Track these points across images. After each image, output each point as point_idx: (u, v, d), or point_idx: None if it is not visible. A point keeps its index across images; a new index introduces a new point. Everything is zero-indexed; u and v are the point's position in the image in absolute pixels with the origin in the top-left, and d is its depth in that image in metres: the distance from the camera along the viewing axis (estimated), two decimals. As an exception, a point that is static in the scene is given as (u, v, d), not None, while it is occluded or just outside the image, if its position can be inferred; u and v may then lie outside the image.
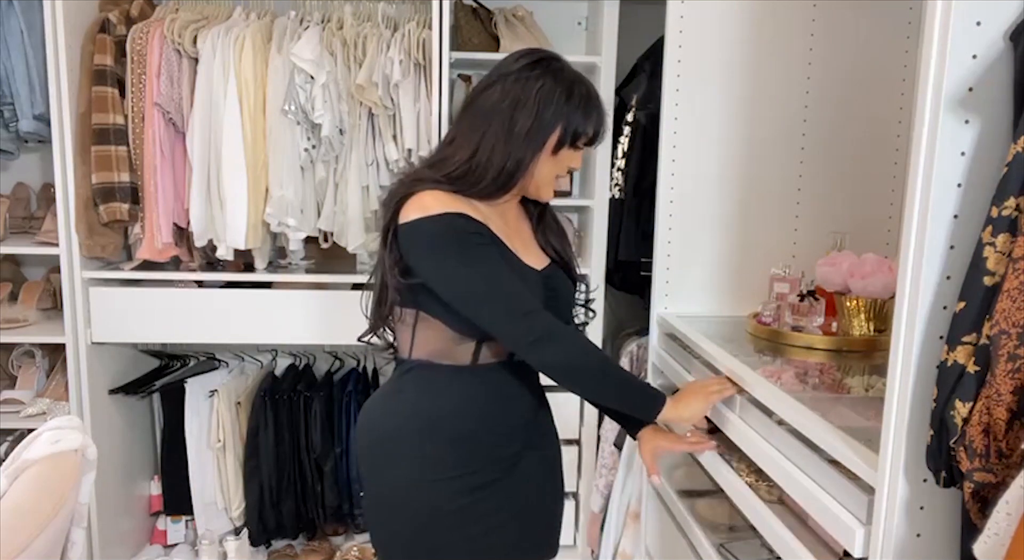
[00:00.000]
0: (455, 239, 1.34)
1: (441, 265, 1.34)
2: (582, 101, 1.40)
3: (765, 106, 2.05)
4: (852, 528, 1.14)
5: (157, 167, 2.33)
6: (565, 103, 1.39)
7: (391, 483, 1.45)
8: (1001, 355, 0.90)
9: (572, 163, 1.46)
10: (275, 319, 2.45)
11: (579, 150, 1.45)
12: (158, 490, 2.81)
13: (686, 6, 2.00)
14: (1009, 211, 0.91)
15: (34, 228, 2.62)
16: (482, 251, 1.35)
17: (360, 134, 2.38)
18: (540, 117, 1.37)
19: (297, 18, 2.42)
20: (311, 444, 2.68)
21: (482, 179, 1.39)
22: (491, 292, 1.34)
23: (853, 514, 1.16)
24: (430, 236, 1.34)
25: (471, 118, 1.42)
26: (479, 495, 1.43)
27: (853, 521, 1.15)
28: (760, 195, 2.08)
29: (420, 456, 1.42)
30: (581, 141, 1.43)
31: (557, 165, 1.44)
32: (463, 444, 1.42)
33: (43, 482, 1.33)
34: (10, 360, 2.64)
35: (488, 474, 1.44)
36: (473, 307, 1.34)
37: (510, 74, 1.40)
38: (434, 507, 1.42)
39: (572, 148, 1.43)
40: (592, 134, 1.44)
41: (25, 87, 2.35)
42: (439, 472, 1.41)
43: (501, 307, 1.33)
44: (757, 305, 1.91)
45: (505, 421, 1.46)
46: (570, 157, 1.44)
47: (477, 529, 1.43)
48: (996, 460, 0.93)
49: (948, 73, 0.96)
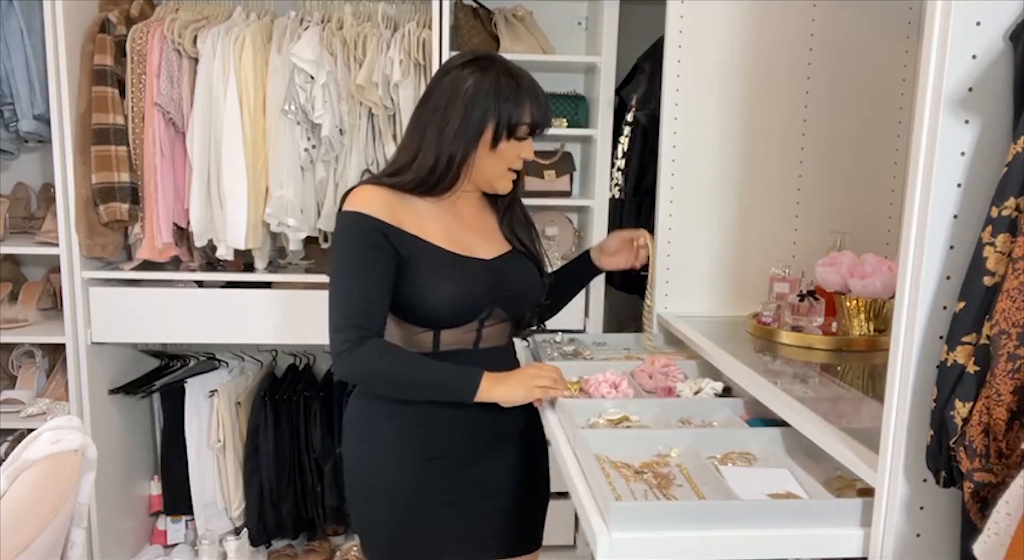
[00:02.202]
0: (345, 237, 1.42)
1: (331, 259, 1.44)
2: (512, 93, 1.44)
3: (765, 106, 2.05)
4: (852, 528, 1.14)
5: (157, 167, 2.33)
6: (494, 97, 1.43)
7: (360, 463, 1.53)
8: (1001, 355, 0.90)
9: (520, 154, 1.49)
10: (275, 319, 2.45)
11: (523, 140, 1.48)
12: (158, 490, 2.81)
13: (686, 6, 2.00)
14: (1009, 211, 0.91)
15: (34, 228, 2.62)
16: (362, 254, 1.40)
17: (360, 134, 2.38)
18: (469, 114, 1.43)
19: (297, 18, 2.42)
20: (311, 444, 2.68)
21: (420, 177, 1.45)
22: (337, 297, 1.41)
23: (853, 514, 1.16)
24: (336, 230, 1.45)
25: (414, 120, 1.51)
26: (442, 479, 1.49)
27: (853, 521, 1.15)
28: (760, 195, 2.08)
29: (385, 437, 1.50)
30: (521, 131, 1.46)
31: (501, 158, 1.48)
32: (424, 426, 1.49)
33: (43, 482, 1.33)
34: (10, 360, 2.64)
35: (452, 460, 1.50)
36: (329, 305, 1.42)
37: (447, 75, 1.47)
38: (402, 490, 1.48)
39: (514, 140, 1.46)
40: (531, 123, 1.46)
41: (25, 87, 2.35)
42: (403, 454, 1.49)
43: (334, 314, 1.40)
44: (757, 305, 1.91)
45: (471, 404, 1.45)
46: (514, 148, 1.47)
47: (442, 512, 1.49)
48: (996, 460, 0.93)
49: (948, 73, 0.96)
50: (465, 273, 1.47)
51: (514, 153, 1.48)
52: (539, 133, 1.50)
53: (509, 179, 1.52)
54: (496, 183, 1.52)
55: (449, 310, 1.45)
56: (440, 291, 1.43)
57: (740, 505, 1.15)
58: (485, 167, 1.48)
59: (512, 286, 1.53)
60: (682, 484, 1.26)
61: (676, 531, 1.10)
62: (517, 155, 1.49)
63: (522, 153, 1.49)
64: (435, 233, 1.47)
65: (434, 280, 1.44)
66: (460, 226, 1.52)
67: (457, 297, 1.45)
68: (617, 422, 1.44)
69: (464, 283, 1.46)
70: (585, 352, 1.88)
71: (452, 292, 1.44)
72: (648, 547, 1.08)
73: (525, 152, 1.50)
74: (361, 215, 1.41)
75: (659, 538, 1.09)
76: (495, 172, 1.49)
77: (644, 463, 1.32)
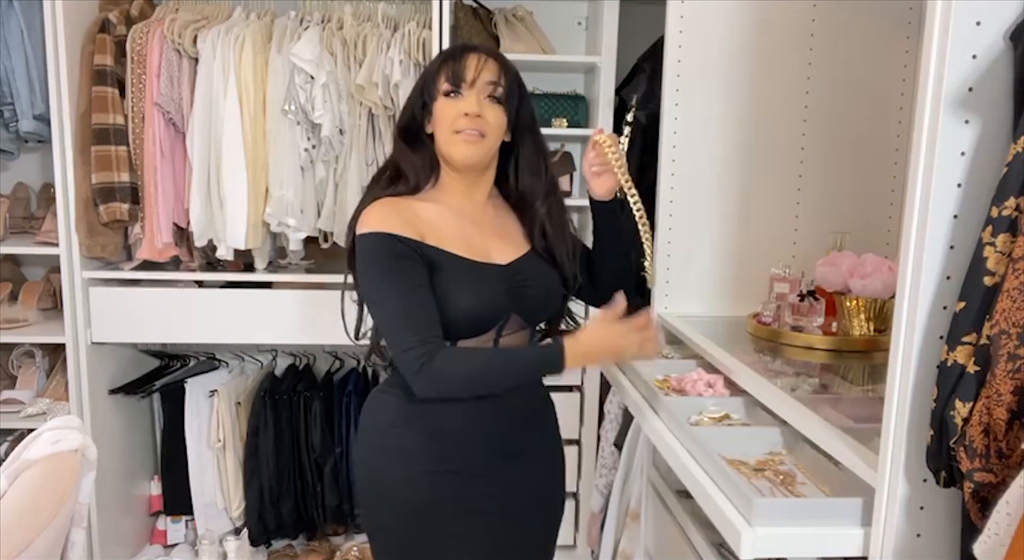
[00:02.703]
0: (372, 256, 1.39)
1: (365, 284, 1.42)
2: (435, 60, 1.48)
3: (765, 106, 2.05)
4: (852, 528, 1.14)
5: (157, 167, 2.33)
6: (424, 74, 1.49)
7: (372, 471, 1.49)
8: (1001, 355, 0.90)
9: (459, 109, 1.43)
10: (275, 319, 2.45)
11: (455, 97, 1.43)
12: (158, 490, 2.81)
13: (686, 6, 1.99)
14: (1009, 211, 0.91)
15: (34, 228, 2.62)
16: (398, 268, 1.37)
17: (360, 134, 2.38)
18: (412, 92, 1.49)
19: (297, 18, 2.42)
20: (311, 444, 2.68)
21: (403, 173, 1.47)
22: (391, 318, 1.37)
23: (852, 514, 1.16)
24: (361, 254, 1.41)
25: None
26: (456, 491, 1.45)
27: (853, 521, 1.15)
28: (760, 195, 2.08)
29: (399, 447, 1.46)
30: (442, 84, 1.43)
31: (443, 120, 1.44)
32: (440, 438, 1.45)
33: (43, 482, 1.33)
34: (10, 360, 2.64)
35: (467, 473, 1.45)
36: (384, 330, 1.42)
37: None
38: (415, 501, 1.44)
39: (443, 97, 1.44)
40: (448, 74, 1.43)
41: (25, 87, 2.35)
42: (417, 464, 1.44)
43: (396, 336, 1.37)
44: (757, 305, 1.91)
45: (487, 418, 1.45)
46: (448, 106, 1.43)
47: (454, 525, 1.45)
48: (996, 460, 0.93)
49: (948, 73, 0.96)
50: (482, 282, 1.42)
51: (450, 110, 1.43)
52: (465, 82, 1.42)
53: (459, 144, 1.43)
54: (449, 150, 1.45)
55: (467, 321, 1.41)
56: (458, 302, 1.39)
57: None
58: (439, 139, 1.46)
59: (529, 290, 1.47)
60: (805, 482, 1.27)
61: (817, 527, 1.12)
62: (456, 111, 1.42)
63: (462, 107, 1.42)
64: (453, 241, 1.43)
65: (453, 291, 1.39)
66: (477, 230, 1.47)
67: (475, 307, 1.40)
68: (719, 420, 1.44)
69: (481, 292, 1.41)
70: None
71: (470, 303, 1.40)
72: (790, 543, 1.11)
73: (465, 106, 1.42)
74: (382, 234, 1.38)
75: (800, 534, 1.11)
76: (441, 138, 1.45)
77: (760, 461, 1.34)
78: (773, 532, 1.10)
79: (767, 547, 1.10)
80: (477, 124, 1.42)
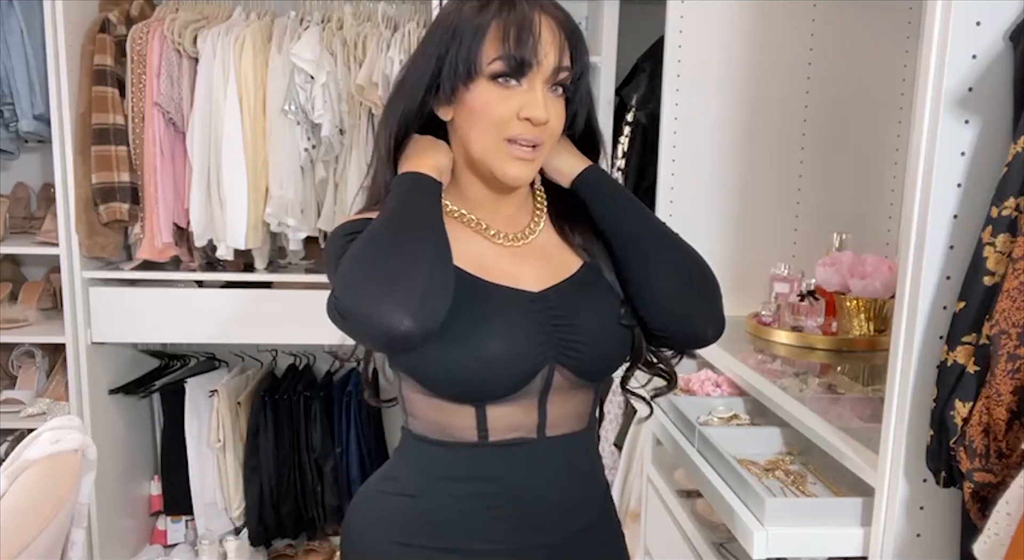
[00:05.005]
0: (332, 253, 1.05)
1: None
2: (474, 11, 1.00)
3: (765, 106, 2.05)
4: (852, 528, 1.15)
5: (157, 167, 2.33)
6: (451, 27, 1.01)
7: (354, 540, 1.13)
8: (1001, 355, 0.90)
9: (515, 105, 0.97)
10: (275, 319, 2.45)
11: (511, 85, 0.98)
12: (158, 490, 2.81)
13: (686, 6, 1.99)
14: (1009, 211, 0.91)
15: (34, 228, 2.62)
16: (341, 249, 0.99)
17: (360, 134, 2.38)
18: (419, 60, 1.05)
19: (297, 18, 2.42)
20: (311, 444, 2.68)
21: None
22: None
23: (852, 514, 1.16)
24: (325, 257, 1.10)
25: None
26: None
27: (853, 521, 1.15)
28: (760, 195, 2.08)
29: (390, 522, 1.08)
30: (493, 61, 0.97)
31: (487, 117, 0.98)
32: (436, 514, 1.05)
33: (43, 482, 1.33)
34: (10, 360, 2.63)
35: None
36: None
37: None
38: None
39: (494, 83, 0.98)
40: (509, 42, 0.96)
41: (25, 87, 2.35)
42: (406, 547, 1.06)
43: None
44: (757, 305, 1.91)
45: (532, 509, 1.02)
46: (498, 97, 0.98)
47: None
48: (996, 460, 0.93)
49: (948, 73, 0.96)
50: (504, 312, 0.99)
51: (504, 108, 0.96)
52: (533, 65, 0.95)
53: (510, 159, 0.98)
54: (493, 162, 0.99)
55: (492, 368, 0.97)
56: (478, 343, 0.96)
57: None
58: (472, 139, 0.99)
59: (574, 326, 1.01)
60: (815, 482, 1.28)
61: (820, 527, 1.14)
62: (510, 112, 0.96)
63: (516, 105, 0.96)
64: (464, 259, 1.01)
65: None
66: (495, 251, 1.05)
67: (499, 347, 0.97)
68: (728, 420, 1.45)
69: (506, 325, 0.99)
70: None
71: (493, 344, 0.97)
72: (800, 543, 1.12)
73: (522, 103, 0.96)
74: (338, 225, 1.05)
75: (807, 534, 1.13)
76: (479, 141, 0.98)
77: (770, 461, 1.35)
78: (784, 532, 1.11)
79: (778, 547, 1.11)
80: (539, 134, 0.98)
